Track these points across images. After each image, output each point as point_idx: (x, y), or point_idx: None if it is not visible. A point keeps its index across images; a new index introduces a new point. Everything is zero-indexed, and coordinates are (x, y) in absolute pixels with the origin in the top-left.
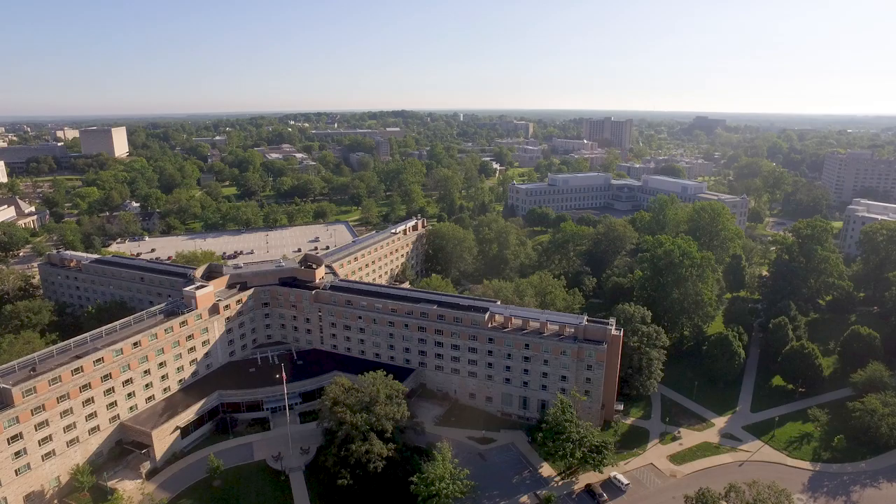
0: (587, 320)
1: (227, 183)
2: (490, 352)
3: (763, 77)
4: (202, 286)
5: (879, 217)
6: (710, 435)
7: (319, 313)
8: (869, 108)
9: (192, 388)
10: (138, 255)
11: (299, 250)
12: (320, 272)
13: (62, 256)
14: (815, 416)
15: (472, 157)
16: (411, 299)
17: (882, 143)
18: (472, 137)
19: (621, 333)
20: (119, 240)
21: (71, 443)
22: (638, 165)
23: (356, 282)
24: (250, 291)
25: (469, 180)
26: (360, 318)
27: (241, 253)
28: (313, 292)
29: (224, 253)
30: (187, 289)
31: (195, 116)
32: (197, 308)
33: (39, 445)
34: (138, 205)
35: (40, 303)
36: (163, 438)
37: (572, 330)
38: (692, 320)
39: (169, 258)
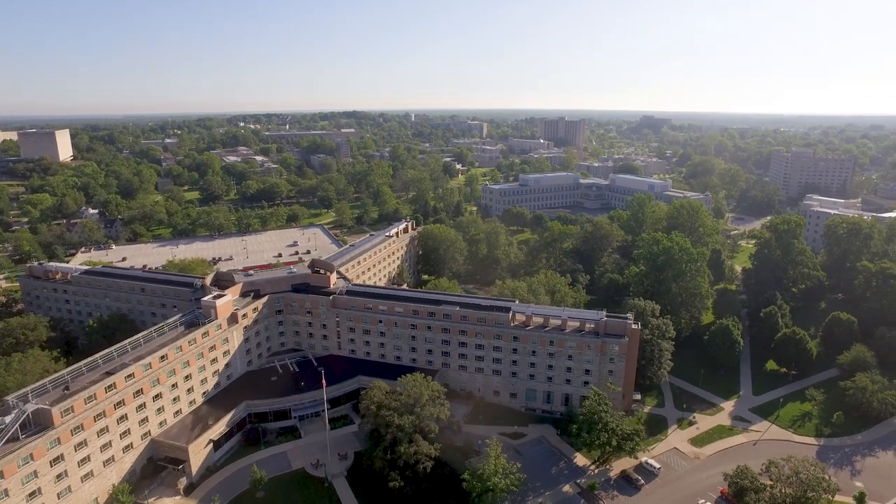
0: (607, 315)
1: (186, 187)
2: (515, 350)
3: (698, 78)
4: (220, 295)
5: (832, 211)
6: (722, 418)
7: (337, 318)
8: (794, 109)
9: (216, 400)
10: (97, 263)
11: (280, 255)
12: (333, 277)
13: (46, 269)
14: (812, 396)
15: (434, 158)
16: (432, 301)
17: (814, 142)
18: (429, 138)
19: (639, 327)
20: (83, 249)
21: (107, 462)
22: (597, 164)
23: (370, 286)
24: (265, 299)
25: (436, 181)
26: (380, 321)
27: (220, 259)
28: (330, 298)
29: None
30: (206, 298)
31: (135, 118)
32: (217, 318)
33: (79, 466)
34: (96, 211)
35: (34, 318)
36: (198, 453)
37: (592, 325)
38: (690, 312)
39: (145, 267)
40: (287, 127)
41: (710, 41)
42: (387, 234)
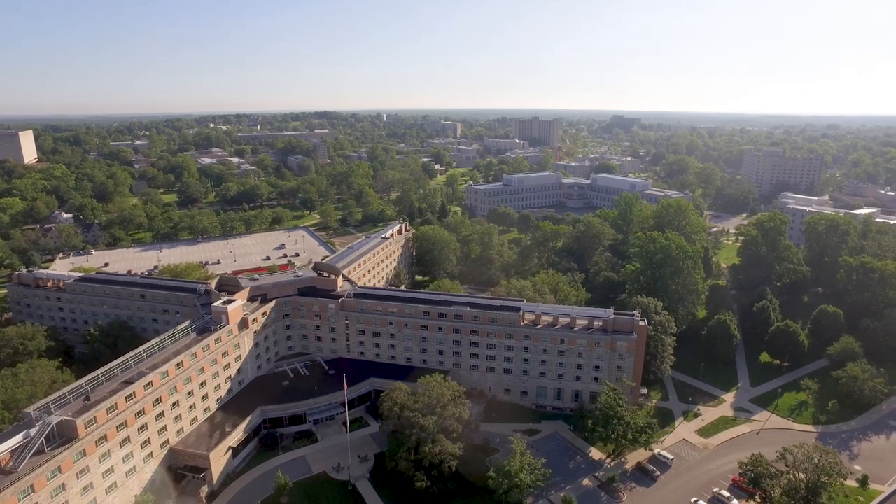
0: (615, 313)
1: (161, 190)
2: (526, 348)
3: (663, 77)
4: (231, 301)
5: (807, 209)
6: (725, 409)
7: (346, 321)
8: (755, 108)
9: (230, 407)
10: (86, 270)
11: (268, 258)
12: (340, 280)
13: (36, 276)
14: (807, 386)
15: (413, 159)
16: (443, 302)
17: (778, 141)
18: (403, 138)
19: (646, 324)
20: (61, 255)
21: (129, 473)
22: (574, 164)
23: (377, 288)
24: (272, 303)
25: (417, 182)
26: (390, 323)
27: (207, 264)
28: (339, 301)
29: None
30: (216, 304)
31: (99, 118)
32: (229, 323)
33: (103, 478)
34: (70, 216)
35: (32, 328)
36: (218, 460)
37: (600, 323)
38: (686, 308)
39: (129, 272)
40: (259, 128)
41: (673, 42)
42: (383, 235)
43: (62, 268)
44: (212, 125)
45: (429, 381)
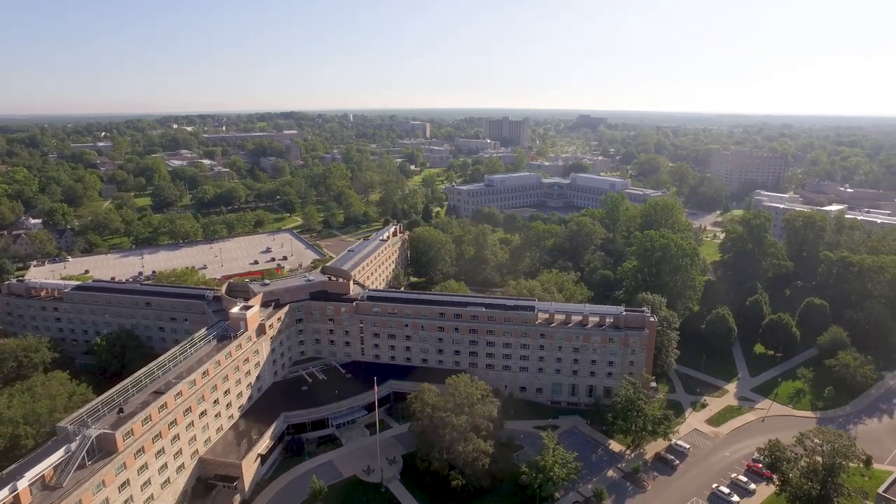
0: (626, 310)
1: (132, 193)
2: (541, 346)
3: (628, 78)
4: (248, 307)
5: (781, 206)
6: (730, 399)
7: (360, 324)
8: (713, 107)
9: (251, 414)
10: (70, 277)
11: (256, 262)
12: (351, 284)
13: (28, 285)
14: (803, 375)
15: (388, 160)
16: (458, 303)
17: (740, 140)
18: (373, 138)
19: (656, 319)
20: (35, 262)
21: (164, 485)
22: (547, 164)
23: (389, 290)
24: (286, 308)
25: (396, 183)
26: (406, 325)
27: (194, 269)
28: (353, 304)
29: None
30: (234, 310)
31: (51, 119)
32: (248, 330)
33: (141, 490)
34: (39, 221)
35: (34, 339)
36: (249, 468)
37: (611, 320)
38: (684, 303)
39: (113, 279)
40: (224, 129)
41: (631, 42)
42: (381, 238)
43: (39, 276)
44: (175, 126)
45: (457, 382)
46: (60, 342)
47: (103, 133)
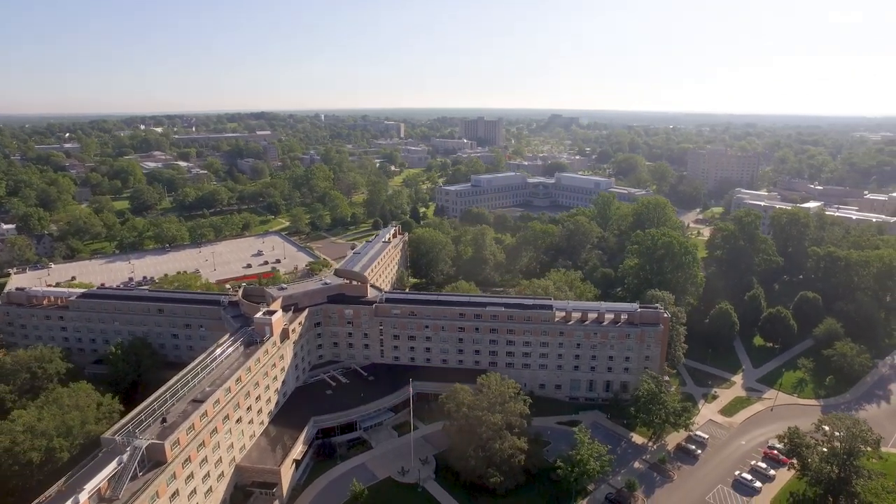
0: (640, 307)
1: (109, 196)
2: (560, 344)
3: (596, 77)
4: (272, 311)
5: (761, 203)
6: (738, 390)
7: (380, 327)
8: (678, 107)
9: (279, 419)
10: (57, 284)
11: (249, 266)
12: (367, 286)
13: (29, 294)
14: (804, 365)
15: (367, 161)
16: (477, 304)
17: (710, 139)
18: (348, 139)
19: (669, 315)
20: (14, 269)
21: (207, 493)
22: (526, 163)
23: (406, 292)
24: (305, 312)
25: (381, 183)
26: (426, 326)
27: (197, 272)
28: (373, 307)
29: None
30: (259, 315)
31: (3, 118)
32: (273, 335)
33: (188, 500)
34: (13, 226)
35: (47, 350)
36: (287, 474)
37: (625, 316)
38: (686, 299)
39: (102, 285)
40: (195, 129)
41: (598, 42)
42: (384, 239)
43: (21, 283)
44: (143, 127)
45: (489, 381)
46: (67, 352)
47: (67, 134)
